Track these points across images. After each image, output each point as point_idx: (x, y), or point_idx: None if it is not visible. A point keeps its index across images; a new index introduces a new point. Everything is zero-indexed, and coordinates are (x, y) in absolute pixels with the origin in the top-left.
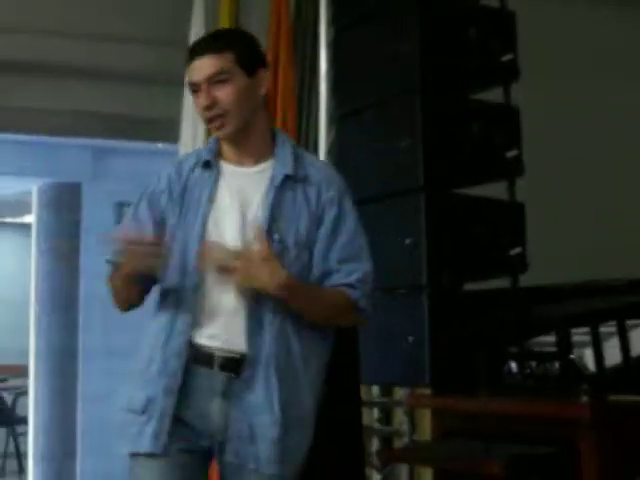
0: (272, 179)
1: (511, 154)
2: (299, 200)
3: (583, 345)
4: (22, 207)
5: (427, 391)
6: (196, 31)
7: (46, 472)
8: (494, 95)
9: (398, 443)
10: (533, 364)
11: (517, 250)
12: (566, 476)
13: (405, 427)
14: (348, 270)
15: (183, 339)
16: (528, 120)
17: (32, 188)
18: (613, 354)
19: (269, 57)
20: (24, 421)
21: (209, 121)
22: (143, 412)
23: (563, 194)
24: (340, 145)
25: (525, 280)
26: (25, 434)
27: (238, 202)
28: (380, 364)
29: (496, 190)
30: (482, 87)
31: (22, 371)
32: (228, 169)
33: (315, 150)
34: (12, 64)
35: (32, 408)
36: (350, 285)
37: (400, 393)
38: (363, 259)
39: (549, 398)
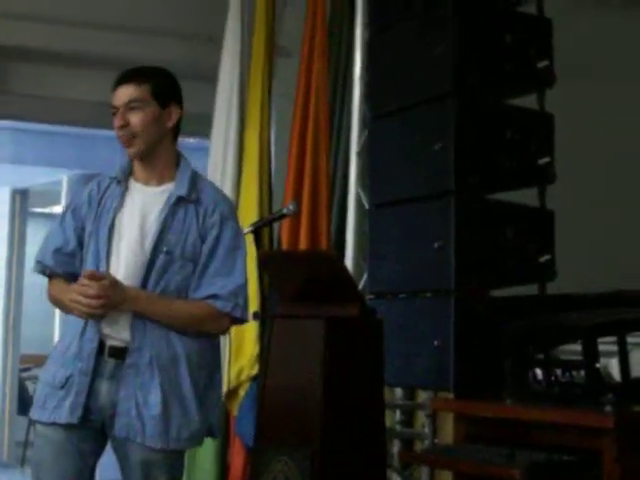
0: (168, 198)
1: (543, 161)
2: (189, 218)
3: (609, 355)
4: (52, 197)
5: (450, 395)
6: (232, 28)
7: None
8: (528, 101)
9: (419, 446)
10: (559, 372)
11: (546, 257)
12: None
13: (427, 430)
14: (221, 284)
15: (95, 330)
16: (559, 126)
17: (62, 178)
18: (639, 365)
19: (304, 59)
20: None
21: (120, 139)
22: (62, 388)
23: (593, 202)
24: (372, 147)
25: (553, 288)
26: None
27: (139, 216)
28: (404, 367)
29: (527, 197)
30: (516, 93)
31: (45, 361)
32: (136, 187)
33: (347, 151)
34: (45, 54)
35: None
36: (218, 296)
37: (423, 396)
38: (236, 275)
39: (573, 406)
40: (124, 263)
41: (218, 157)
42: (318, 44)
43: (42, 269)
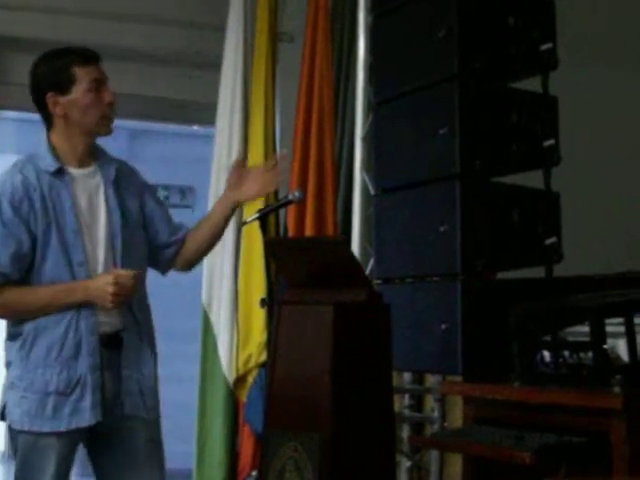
0: (105, 175)
1: (548, 143)
2: (123, 189)
3: (617, 336)
4: None
5: (458, 379)
6: (235, 14)
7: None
8: (531, 84)
9: (429, 430)
10: (566, 354)
11: (552, 240)
12: (597, 466)
13: (436, 414)
14: (183, 232)
15: (93, 320)
16: (563, 109)
17: None
18: None
19: (307, 44)
20: None
21: (109, 117)
22: (73, 391)
23: (599, 184)
24: (377, 132)
25: (560, 270)
26: None
27: (89, 201)
28: (412, 351)
29: (532, 179)
30: (520, 76)
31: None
32: (73, 172)
33: (351, 137)
34: (48, 44)
35: None
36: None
37: (431, 380)
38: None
39: (581, 388)
40: (102, 248)
41: (223, 144)
42: (321, 29)
43: None
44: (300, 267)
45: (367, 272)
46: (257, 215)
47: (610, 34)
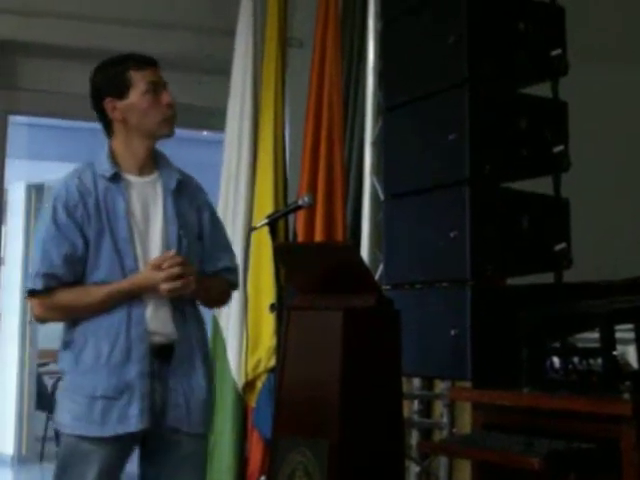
0: (165, 185)
1: (558, 149)
2: (186, 201)
3: (627, 342)
4: None
5: (468, 384)
6: (244, 20)
7: None
8: (541, 90)
9: (438, 436)
10: (576, 360)
11: (561, 245)
12: (606, 473)
13: (445, 420)
14: (229, 257)
15: (143, 328)
16: (573, 114)
17: None
18: None
19: (317, 49)
20: None
21: (171, 118)
22: (120, 396)
23: (608, 190)
24: (386, 137)
25: (569, 276)
26: None
27: (145, 209)
28: (421, 357)
29: (541, 185)
30: (530, 81)
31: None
32: (131, 179)
33: (361, 142)
34: (59, 50)
35: None
36: (230, 270)
37: (441, 386)
38: (231, 248)
39: (591, 394)
40: (156, 255)
41: (233, 149)
42: (331, 34)
43: (47, 283)
44: (309, 272)
45: (376, 277)
46: (266, 221)
47: (620, 39)
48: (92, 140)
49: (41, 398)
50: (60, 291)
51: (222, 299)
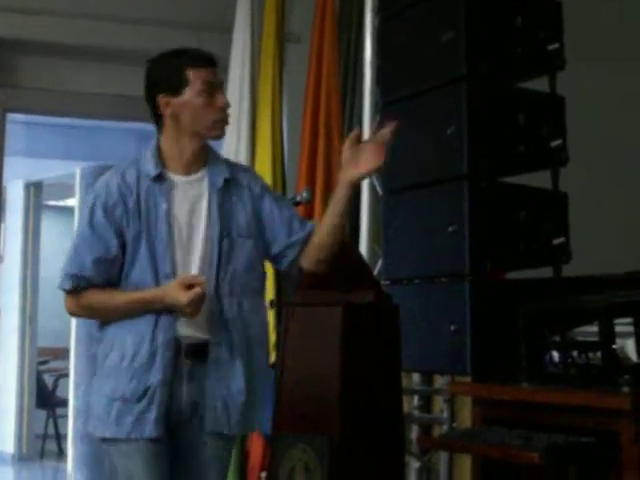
0: (212, 184)
1: (555, 144)
2: (235, 198)
3: (626, 336)
4: (65, 190)
5: (467, 379)
6: (242, 15)
7: (85, 454)
8: (539, 84)
9: (438, 431)
10: (575, 354)
11: (560, 240)
12: (606, 467)
13: (445, 415)
14: (307, 225)
15: (171, 334)
16: (570, 108)
17: (76, 171)
18: None
19: (314, 45)
20: (64, 403)
21: (223, 121)
22: (139, 401)
23: (606, 184)
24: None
25: (568, 270)
26: (65, 416)
27: (190, 209)
28: (421, 352)
29: (540, 179)
30: (528, 76)
31: (63, 353)
32: (175, 179)
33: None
34: (57, 47)
35: (72, 390)
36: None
37: (440, 381)
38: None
39: (590, 388)
40: (198, 260)
41: (231, 145)
42: (328, 30)
43: (76, 283)
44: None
45: (375, 273)
46: None
47: (617, 33)
48: (90, 138)
49: (41, 396)
50: (89, 292)
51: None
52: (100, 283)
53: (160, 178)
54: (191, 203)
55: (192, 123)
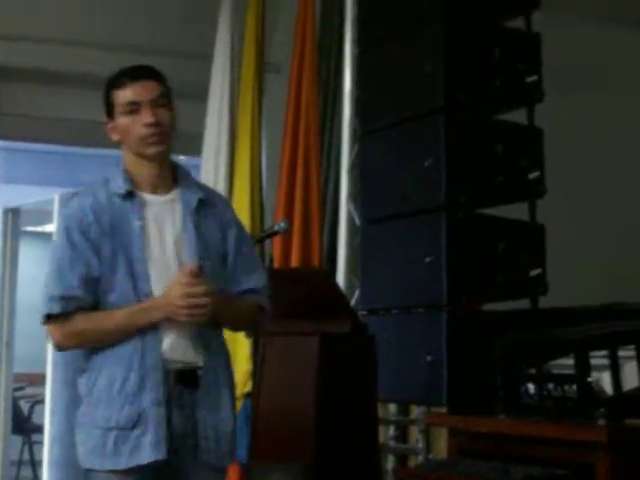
0: (185, 205)
1: (533, 175)
2: (209, 220)
3: (601, 368)
4: (43, 216)
5: (444, 410)
6: (221, 44)
7: None
8: (517, 116)
9: (414, 461)
10: (551, 386)
11: (537, 271)
12: None
13: (421, 445)
14: (256, 278)
15: (157, 354)
16: (548, 140)
17: (54, 197)
18: (631, 378)
19: (293, 75)
20: (40, 430)
21: (149, 137)
22: (134, 427)
23: (583, 216)
24: (363, 162)
25: (545, 301)
26: (41, 442)
27: (159, 229)
28: (397, 382)
29: (517, 211)
30: (506, 108)
31: (39, 380)
32: (145, 198)
33: (337, 167)
34: (35, 74)
35: (48, 417)
36: (256, 291)
37: (416, 411)
38: (262, 267)
39: (566, 421)
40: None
41: (209, 175)
42: (308, 60)
43: (65, 306)
44: (286, 298)
45: (353, 303)
46: None
47: (596, 66)
48: (68, 164)
49: (17, 422)
50: (79, 316)
51: (250, 322)
52: (88, 304)
53: (131, 195)
54: (163, 223)
55: (129, 144)
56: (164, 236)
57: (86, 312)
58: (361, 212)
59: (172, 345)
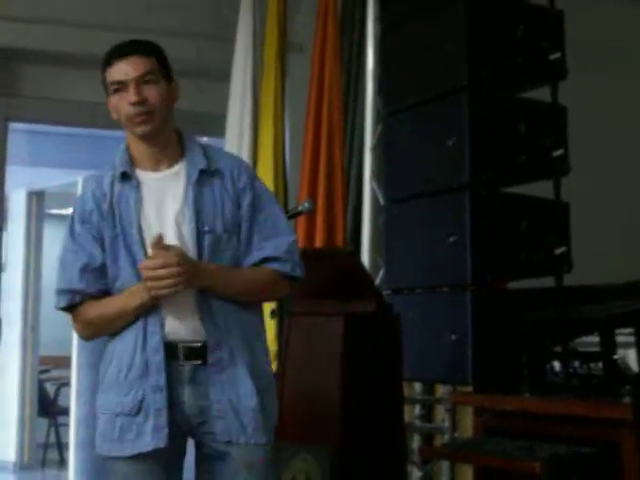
0: (188, 177)
1: (557, 153)
2: (217, 191)
3: (627, 346)
4: (68, 199)
5: (469, 389)
6: (244, 25)
7: (86, 462)
8: (540, 94)
9: (439, 440)
10: (576, 364)
11: (562, 249)
12: (607, 477)
13: (446, 424)
14: (274, 245)
15: (158, 338)
16: (573, 118)
17: (78, 180)
18: None
19: (316, 55)
20: (66, 412)
21: (135, 116)
22: (137, 413)
23: (608, 193)
24: (386, 142)
25: (569, 279)
26: (66, 425)
27: (161, 206)
28: (423, 361)
29: (541, 189)
30: (529, 86)
31: (65, 362)
32: (146, 176)
33: (361, 146)
34: (57, 56)
35: (74, 399)
36: (274, 258)
37: (442, 390)
38: (284, 232)
39: (592, 398)
40: None
41: None
42: (330, 40)
43: (71, 299)
44: (310, 278)
45: (377, 283)
46: None
47: (619, 43)
48: (92, 147)
49: (43, 405)
50: (86, 306)
51: (269, 292)
52: (94, 294)
53: (126, 177)
54: (162, 201)
55: (123, 123)
56: (165, 212)
57: (94, 300)
58: (385, 192)
59: (175, 325)
